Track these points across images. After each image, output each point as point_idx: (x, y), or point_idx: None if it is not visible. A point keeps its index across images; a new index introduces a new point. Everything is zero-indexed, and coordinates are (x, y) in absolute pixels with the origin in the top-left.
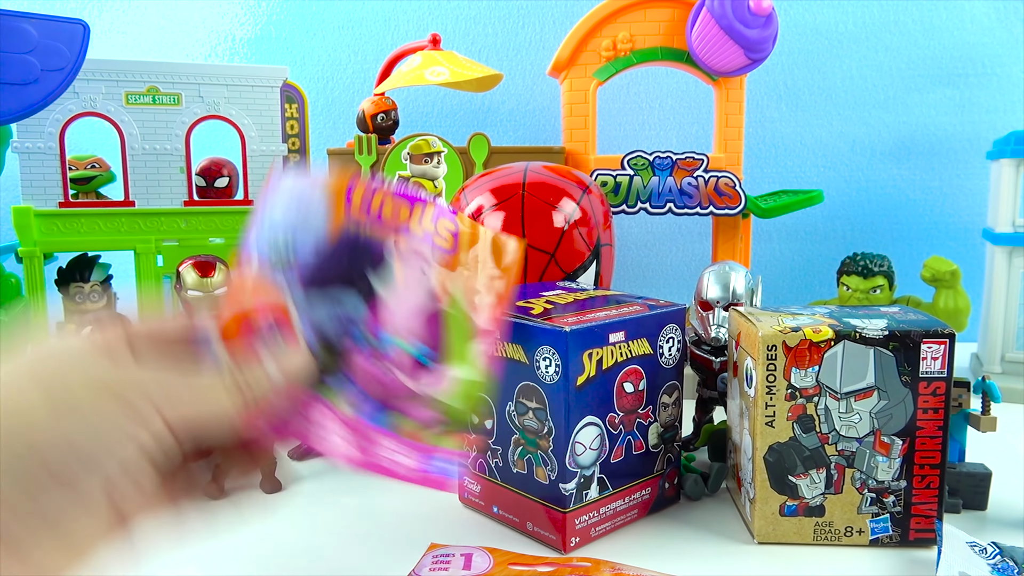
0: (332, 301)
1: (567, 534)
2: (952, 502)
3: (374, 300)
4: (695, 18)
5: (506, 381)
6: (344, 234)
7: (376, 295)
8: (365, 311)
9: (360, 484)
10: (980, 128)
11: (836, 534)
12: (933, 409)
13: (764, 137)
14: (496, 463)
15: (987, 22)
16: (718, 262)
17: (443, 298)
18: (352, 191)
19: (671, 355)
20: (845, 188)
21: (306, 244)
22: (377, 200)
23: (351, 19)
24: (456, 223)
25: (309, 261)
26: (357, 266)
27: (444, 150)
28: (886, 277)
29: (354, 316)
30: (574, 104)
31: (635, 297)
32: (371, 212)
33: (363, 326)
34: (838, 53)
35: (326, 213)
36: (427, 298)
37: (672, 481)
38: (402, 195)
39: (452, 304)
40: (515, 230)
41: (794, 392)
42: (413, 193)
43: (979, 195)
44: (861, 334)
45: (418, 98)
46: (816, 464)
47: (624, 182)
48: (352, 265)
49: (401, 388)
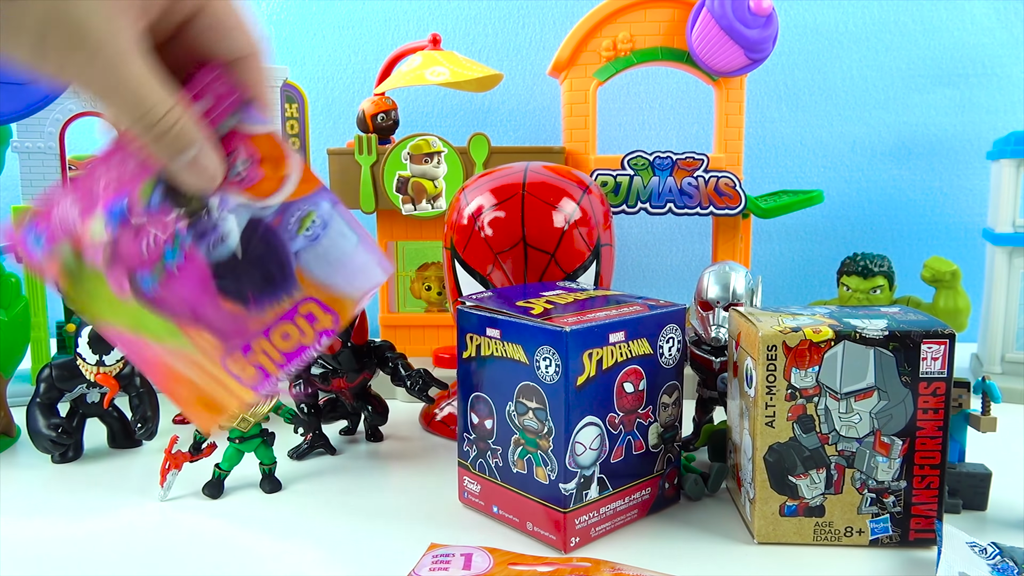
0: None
1: (567, 534)
2: (952, 502)
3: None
4: (695, 18)
5: (506, 381)
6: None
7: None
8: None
9: (360, 484)
10: (980, 128)
11: (836, 534)
12: (933, 409)
13: (764, 137)
14: (496, 463)
15: (987, 22)
16: (718, 262)
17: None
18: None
19: (671, 355)
20: (845, 188)
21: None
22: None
23: (351, 19)
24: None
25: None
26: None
27: (444, 150)
28: (886, 277)
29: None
30: (574, 104)
31: (635, 297)
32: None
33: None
34: (838, 53)
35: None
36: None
37: (672, 481)
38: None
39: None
40: (515, 230)
41: (794, 392)
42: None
43: (979, 195)
44: (861, 334)
45: (418, 98)
46: (816, 464)
47: (624, 182)
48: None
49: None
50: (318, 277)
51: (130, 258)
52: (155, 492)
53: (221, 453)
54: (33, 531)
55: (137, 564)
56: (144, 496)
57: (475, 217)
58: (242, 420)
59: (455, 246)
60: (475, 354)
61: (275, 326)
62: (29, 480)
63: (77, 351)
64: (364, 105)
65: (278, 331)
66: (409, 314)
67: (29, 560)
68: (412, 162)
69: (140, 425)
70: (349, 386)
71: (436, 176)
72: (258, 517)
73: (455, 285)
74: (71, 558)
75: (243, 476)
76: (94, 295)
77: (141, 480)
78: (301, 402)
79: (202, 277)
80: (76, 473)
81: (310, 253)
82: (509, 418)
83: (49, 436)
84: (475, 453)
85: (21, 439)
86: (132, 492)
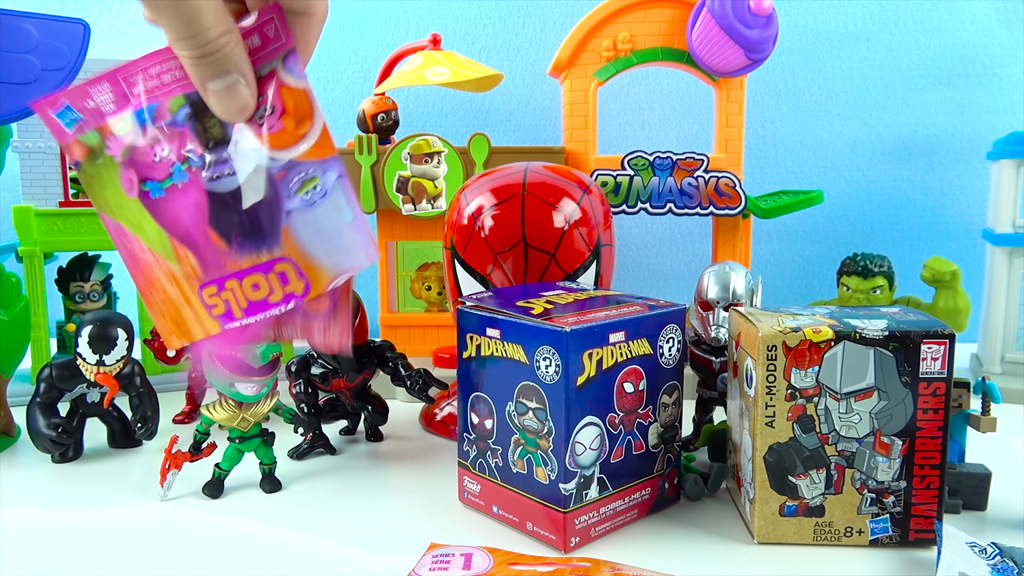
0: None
1: (567, 534)
2: (952, 502)
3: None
4: (695, 18)
5: (506, 381)
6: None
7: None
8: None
9: (360, 484)
10: (980, 128)
11: (836, 534)
12: (933, 410)
13: (764, 137)
14: (496, 463)
15: (987, 22)
16: (718, 262)
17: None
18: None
19: (671, 355)
20: (845, 188)
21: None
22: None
23: (351, 19)
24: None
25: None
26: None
27: (444, 150)
28: (886, 277)
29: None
30: (574, 104)
31: (635, 297)
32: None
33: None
34: (838, 53)
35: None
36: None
37: (672, 481)
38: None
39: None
40: (515, 230)
41: (794, 392)
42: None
43: (979, 195)
44: (861, 334)
45: (418, 98)
46: (816, 464)
47: (624, 182)
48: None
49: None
50: (303, 242)
51: (144, 161)
52: (155, 492)
53: (221, 453)
54: (33, 531)
55: (137, 564)
56: (144, 496)
57: (475, 217)
58: (242, 420)
59: (455, 246)
60: (475, 354)
61: (248, 274)
62: (29, 480)
63: (77, 351)
64: (364, 105)
65: (250, 280)
66: (409, 314)
67: (29, 560)
68: (412, 162)
69: (140, 425)
70: (349, 386)
71: (436, 176)
72: (258, 517)
73: (455, 285)
74: (71, 558)
75: (243, 476)
76: (106, 185)
77: (141, 480)
78: (301, 402)
79: (199, 203)
80: (76, 473)
81: (302, 217)
82: (509, 418)
83: (49, 436)
84: (475, 453)
85: (21, 439)
86: (132, 492)
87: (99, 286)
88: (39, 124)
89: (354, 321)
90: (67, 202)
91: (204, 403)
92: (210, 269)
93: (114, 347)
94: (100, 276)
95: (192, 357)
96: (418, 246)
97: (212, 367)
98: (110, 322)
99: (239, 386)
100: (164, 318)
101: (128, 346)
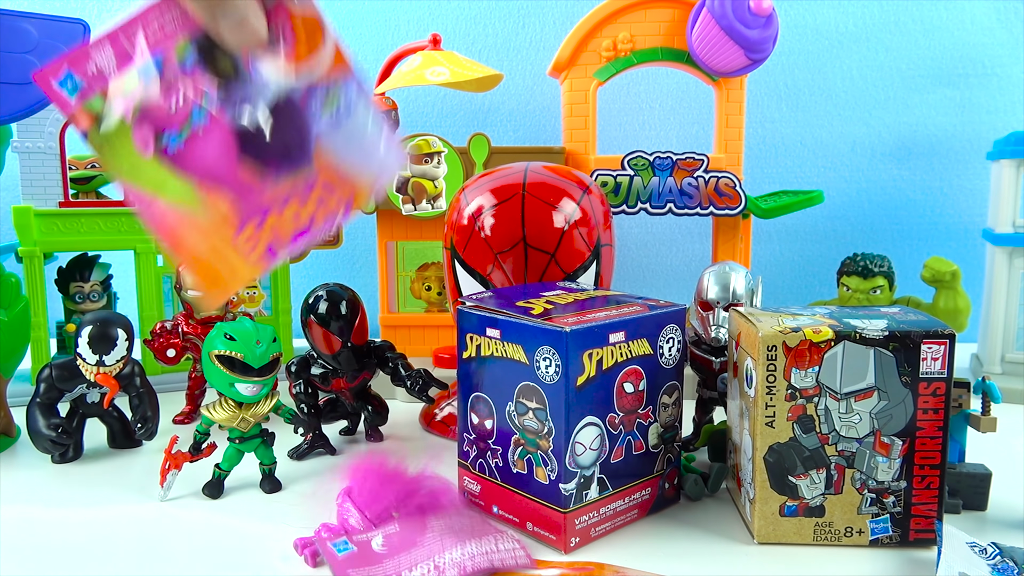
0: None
1: (567, 534)
2: (952, 502)
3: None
4: (695, 18)
5: (506, 381)
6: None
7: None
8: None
9: None
10: (980, 128)
11: (836, 534)
12: (933, 410)
13: (764, 137)
14: (496, 463)
15: (987, 22)
16: (718, 262)
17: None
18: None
19: (671, 355)
20: (845, 188)
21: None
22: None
23: (351, 19)
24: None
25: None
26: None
27: (444, 150)
28: (886, 277)
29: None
30: (574, 104)
31: (635, 297)
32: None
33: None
34: (838, 53)
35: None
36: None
37: (672, 481)
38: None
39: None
40: (515, 230)
41: (794, 392)
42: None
43: (979, 195)
44: (861, 334)
45: (418, 98)
46: (816, 464)
47: (624, 182)
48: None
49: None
50: (337, 157)
51: (158, 115)
52: (155, 492)
53: (221, 453)
54: (33, 531)
55: (137, 564)
56: (144, 496)
57: (475, 217)
58: (242, 420)
59: (455, 246)
60: (475, 354)
61: (288, 201)
62: (29, 480)
63: (77, 351)
64: None
65: (291, 207)
66: (409, 314)
67: (29, 560)
68: (412, 162)
69: (140, 425)
70: (349, 386)
71: (436, 176)
72: (258, 517)
73: (455, 285)
74: (71, 558)
75: (243, 476)
76: (119, 151)
77: (141, 480)
78: (301, 402)
79: (225, 141)
80: (76, 473)
81: (332, 134)
82: (509, 418)
83: (49, 436)
84: (475, 453)
85: (21, 439)
86: (132, 492)
87: (99, 286)
88: (39, 124)
89: (354, 321)
90: (67, 202)
91: (204, 403)
92: (245, 207)
93: (114, 347)
94: (100, 276)
95: (192, 357)
96: (418, 246)
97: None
98: (110, 322)
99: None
100: (199, 272)
101: (128, 346)
